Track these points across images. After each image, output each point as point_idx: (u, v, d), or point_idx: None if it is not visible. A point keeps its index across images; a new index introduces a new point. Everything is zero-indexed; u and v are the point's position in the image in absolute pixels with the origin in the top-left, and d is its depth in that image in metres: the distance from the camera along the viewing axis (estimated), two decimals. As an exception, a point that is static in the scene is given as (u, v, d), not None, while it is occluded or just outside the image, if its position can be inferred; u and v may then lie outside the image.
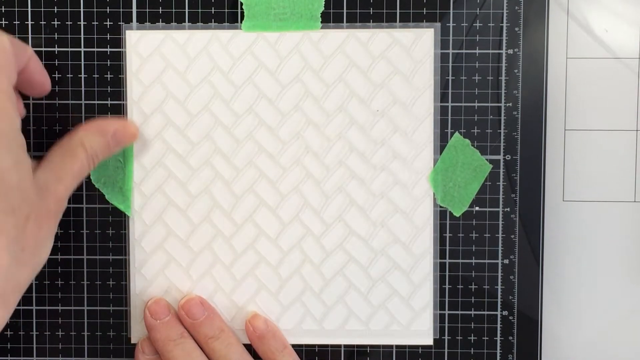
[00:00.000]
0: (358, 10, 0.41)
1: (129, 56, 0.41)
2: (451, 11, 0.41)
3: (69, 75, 0.42)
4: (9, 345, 0.43)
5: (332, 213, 0.42)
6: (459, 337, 0.42)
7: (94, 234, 0.42)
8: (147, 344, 0.41)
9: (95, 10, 0.41)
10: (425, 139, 0.41)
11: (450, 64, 0.41)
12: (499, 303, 0.42)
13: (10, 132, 0.33)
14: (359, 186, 0.41)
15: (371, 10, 0.41)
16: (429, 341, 0.42)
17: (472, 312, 0.42)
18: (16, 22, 0.41)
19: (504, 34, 0.41)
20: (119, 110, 0.42)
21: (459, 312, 0.42)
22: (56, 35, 0.41)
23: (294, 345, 0.42)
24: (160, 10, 0.41)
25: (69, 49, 0.41)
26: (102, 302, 0.42)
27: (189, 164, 0.41)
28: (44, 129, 0.42)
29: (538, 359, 0.42)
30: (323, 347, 0.42)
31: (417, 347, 0.42)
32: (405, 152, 0.41)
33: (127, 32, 0.41)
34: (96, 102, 0.42)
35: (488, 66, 0.41)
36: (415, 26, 0.41)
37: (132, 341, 0.42)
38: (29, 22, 0.41)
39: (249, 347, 0.41)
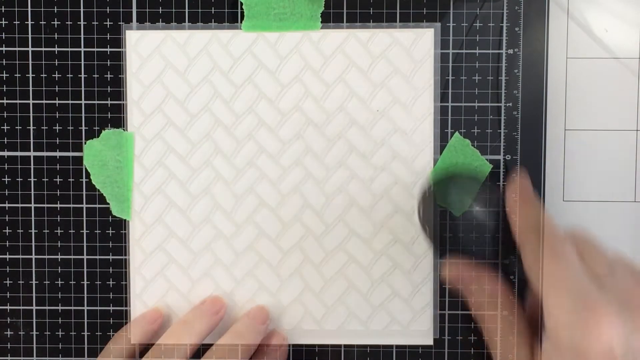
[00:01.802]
0: (358, 10, 0.41)
1: (129, 56, 0.41)
2: (451, 11, 0.41)
3: (69, 75, 0.42)
4: (9, 345, 0.43)
5: (333, 213, 0.42)
6: (459, 337, 0.42)
7: (94, 234, 0.42)
8: None
9: (95, 10, 0.41)
10: (425, 139, 0.41)
11: (450, 64, 0.41)
12: (499, 303, 0.42)
13: None
14: (359, 186, 0.41)
15: (371, 10, 0.41)
16: (429, 341, 0.42)
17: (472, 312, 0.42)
18: (16, 22, 0.41)
19: (504, 34, 0.41)
20: (119, 110, 0.42)
21: (459, 312, 0.42)
22: (56, 35, 0.41)
23: (294, 345, 0.42)
24: (160, 10, 0.41)
25: (69, 49, 0.41)
26: (102, 302, 0.42)
27: (189, 164, 0.41)
28: (44, 129, 0.42)
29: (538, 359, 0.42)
30: (323, 347, 0.42)
31: (417, 347, 0.42)
32: (405, 152, 0.41)
33: (127, 32, 0.41)
34: (96, 102, 0.42)
35: (488, 66, 0.41)
36: (415, 26, 0.41)
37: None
38: (29, 22, 0.41)
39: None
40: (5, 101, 0.42)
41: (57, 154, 0.42)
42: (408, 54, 0.41)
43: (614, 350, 0.31)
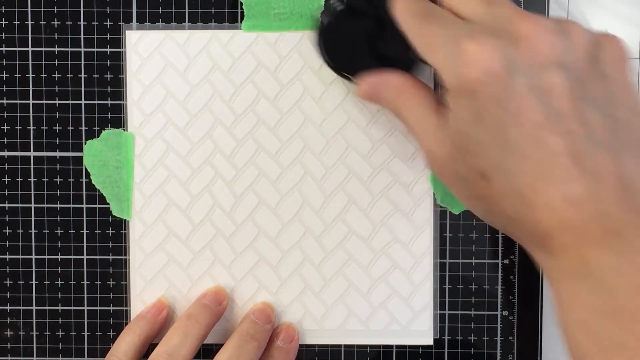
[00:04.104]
0: (358, 10, 0.41)
1: (129, 56, 0.41)
2: (451, 11, 0.41)
3: (69, 75, 0.42)
4: (9, 345, 0.43)
5: (332, 212, 0.42)
6: (459, 337, 0.42)
7: (94, 234, 0.42)
8: None
9: (95, 10, 0.41)
10: (425, 138, 0.41)
11: (450, 64, 0.41)
12: (499, 303, 0.42)
13: None
14: (358, 185, 0.41)
15: (371, 10, 0.41)
16: (429, 341, 0.42)
17: (472, 312, 0.42)
18: (16, 22, 0.41)
19: (504, 34, 0.41)
20: (119, 110, 0.42)
21: (459, 312, 0.42)
22: (56, 35, 0.41)
23: (294, 345, 0.42)
24: (160, 10, 0.41)
25: (69, 49, 0.41)
26: (102, 302, 0.42)
27: (189, 163, 0.41)
28: (44, 129, 0.42)
29: (538, 359, 0.42)
30: (323, 347, 0.42)
31: (417, 347, 0.42)
32: (404, 151, 0.41)
33: (127, 32, 0.41)
34: (96, 102, 0.42)
35: (488, 66, 0.41)
36: (415, 26, 0.41)
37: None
38: (29, 22, 0.41)
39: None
40: (5, 101, 0.42)
41: (57, 154, 0.42)
42: (408, 53, 0.41)
43: (494, 67, 0.29)
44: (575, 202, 0.28)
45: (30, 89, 0.42)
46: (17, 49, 0.41)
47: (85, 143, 0.42)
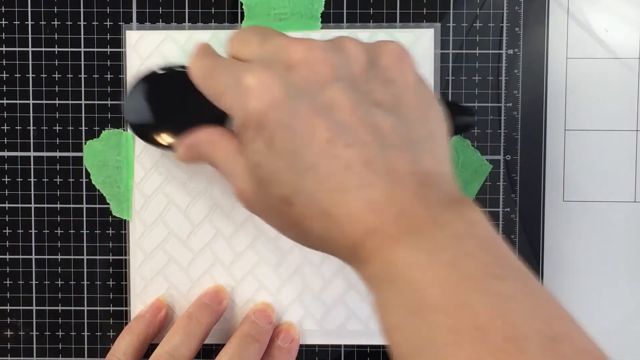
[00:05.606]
0: (358, 11, 0.41)
1: (129, 56, 0.41)
2: (451, 11, 0.41)
3: (69, 75, 0.42)
4: (9, 345, 0.43)
5: (332, 213, 0.42)
6: (459, 337, 0.42)
7: (94, 234, 0.42)
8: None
9: (95, 10, 0.41)
10: (425, 139, 0.41)
11: (450, 64, 0.41)
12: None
13: None
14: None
15: (371, 10, 0.41)
16: (429, 341, 0.42)
17: (472, 312, 0.42)
18: (16, 22, 0.41)
19: (504, 34, 0.41)
20: (119, 110, 0.42)
21: (459, 312, 0.42)
22: (56, 35, 0.41)
23: (294, 345, 0.42)
24: (160, 10, 0.41)
25: (69, 49, 0.41)
26: (102, 302, 0.43)
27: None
28: (44, 129, 0.42)
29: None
30: (323, 347, 0.42)
31: (417, 347, 0.42)
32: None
33: (127, 32, 0.41)
34: (96, 102, 0.42)
35: (488, 66, 0.41)
36: (415, 26, 0.41)
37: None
38: (29, 22, 0.41)
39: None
40: (5, 101, 0.42)
41: (57, 154, 0.42)
42: (408, 54, 0.41)
43: (274, 95, 0.30)
44: (376, 207, 0.28)
45: (30, 89, 0.42)
46: (17, 49, 0.41)
47: (85, 143, 0.42)
